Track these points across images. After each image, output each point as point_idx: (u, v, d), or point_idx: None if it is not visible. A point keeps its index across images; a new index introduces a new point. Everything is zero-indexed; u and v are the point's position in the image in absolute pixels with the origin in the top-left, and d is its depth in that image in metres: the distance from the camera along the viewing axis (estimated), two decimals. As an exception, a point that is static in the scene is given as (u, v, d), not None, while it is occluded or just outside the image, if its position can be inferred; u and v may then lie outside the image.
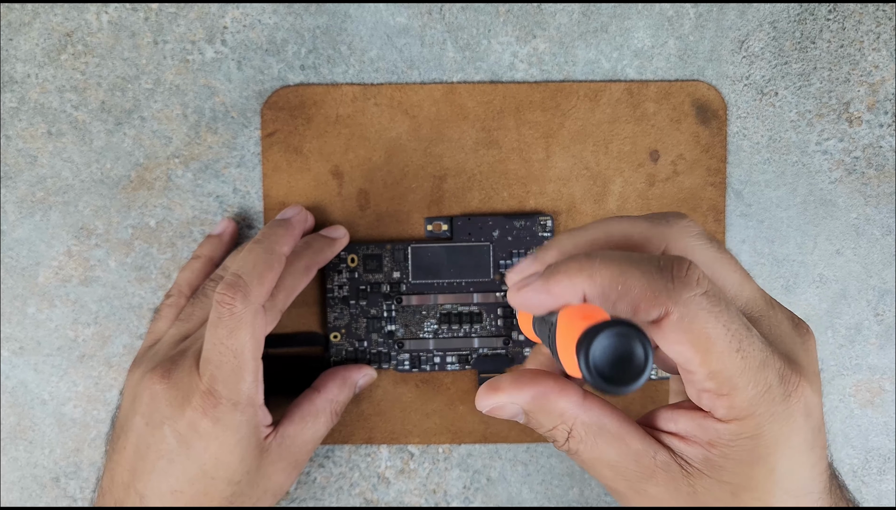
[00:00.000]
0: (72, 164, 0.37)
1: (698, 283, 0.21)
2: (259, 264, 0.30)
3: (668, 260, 0.22)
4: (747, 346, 0.21)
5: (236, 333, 0.29)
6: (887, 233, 0.38)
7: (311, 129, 0.36)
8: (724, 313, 0.21)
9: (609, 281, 0.21)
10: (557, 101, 0.36)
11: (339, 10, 0.36)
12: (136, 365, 0.32)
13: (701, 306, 0.21)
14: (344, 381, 0.34)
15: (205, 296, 0.33)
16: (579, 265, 0.22)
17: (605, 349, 0.19)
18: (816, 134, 0.37)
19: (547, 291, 0.22)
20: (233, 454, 0.29)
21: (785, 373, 0.22)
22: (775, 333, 0.23)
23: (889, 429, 0.38)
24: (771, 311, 0.24)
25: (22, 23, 0.36)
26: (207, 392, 0.29)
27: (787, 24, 0.37)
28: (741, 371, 0.21)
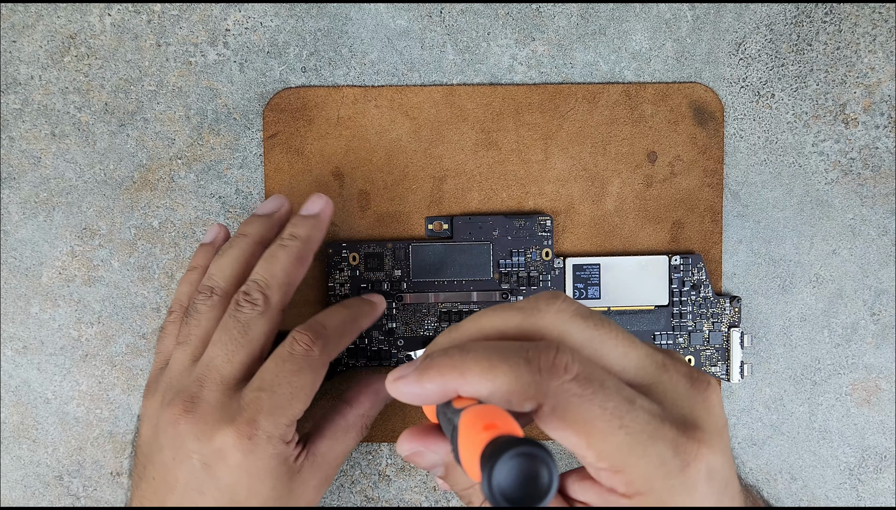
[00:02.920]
0: (75, 165, 0.37)
1: (566, 370, 0.21)
2: (346, 325, 0.32)
3: (536, 350, 0.21)
4: (630, 421, 0.21)
5: (302, 374, 0.30)
6: (883, 233, 0.38)
7: (312, 131, 0.37)
8: (599, 393, 0.21)
9: (478, 378, 0.21)
10: (556, 102, 0.37)
11: (340, 13, 0.37)
12: (151, 391, 0.32)
13: (572, 392, 0.21)
14: (377, 395, 0.34)
15: (197, 312, 0.32)
16: (451, 361, 0.22)
17: (509, 468, 0.18)
18: (813, 135, 0.38)
19: (419, 386, 0.22)
20: (264, 484, 0.29)
21: (679, 442, 0.21)
22: (670, 398, 0.23)
23: (885, 428, 0.39)
24: (664, 375, 0.23)
25: (25, 25, 0.36)
26: (249, 420, 0.28)
27: (784, 26, 0.37)
28: (629, 447, 0.21)
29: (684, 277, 0.37)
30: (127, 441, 0.38)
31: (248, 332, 0.30)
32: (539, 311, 0.23)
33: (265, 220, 0.33)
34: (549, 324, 0.23)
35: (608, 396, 0.21)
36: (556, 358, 0.21)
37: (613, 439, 0.21)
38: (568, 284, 0.37)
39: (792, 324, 0.38)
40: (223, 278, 0.32)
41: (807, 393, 0.38)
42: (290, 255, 0.32)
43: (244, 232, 0.33)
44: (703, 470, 0.21)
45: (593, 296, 0.37)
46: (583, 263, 0.37)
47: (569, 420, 0.21)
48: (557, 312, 0.23)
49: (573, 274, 0.37)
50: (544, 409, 0.21)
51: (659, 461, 0.21)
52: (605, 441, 0.21)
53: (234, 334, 0.30)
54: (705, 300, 0.37)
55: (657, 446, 0.21)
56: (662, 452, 0.21)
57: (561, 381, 0.21)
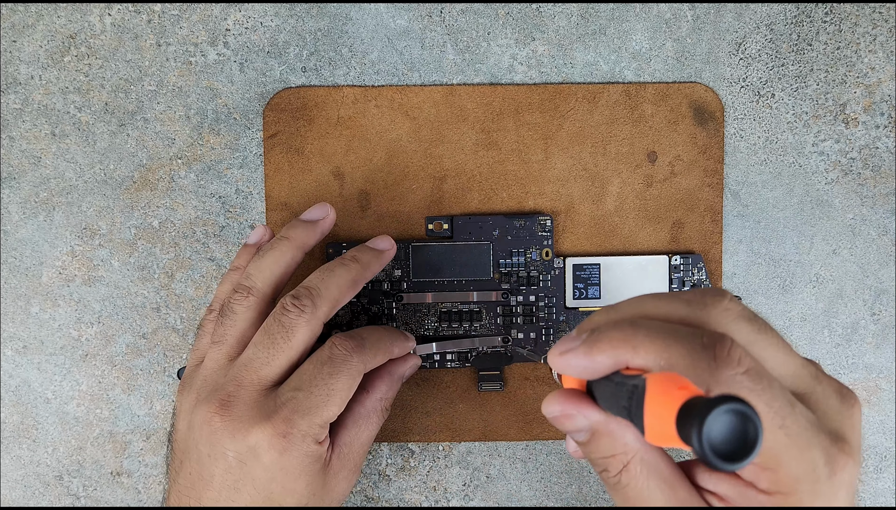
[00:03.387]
0: (75, 164, 0.37)
1: (739, 363, 0.21)
2: (383, 341, 0.33)
3: (712, 338, 0.22)
4: (791, 424, 0.21)
5: (340, 378, 0.30)
6: (883, 233, 0.38)
7: (312, 131, 0.37)
8: (767, 391, 0.21)
9: (653, 354, 0.21)
10: (556, 102, 0.37)
11: (340, 13, 0.37)
12: (187, 387, 0.32)
13: (742, 385, 0.21)
14: (392, 377, 0.34)
15: (232, 313, 0.32)
16: (623, 335, 0.22)
17: (721, 423, 0.19)
18: (813, 135, 0.38)
19: (589, 358, 0.22)
20: (298, 481, 0.30)
21: (831, 452, 0.22)
22: (822, 409, 0.23)
23: (886, 428, 0.39)
24: (819, 387, 0.23)
25: (25, 25, 0.36)
26: (285, 419, 0.29)
27: (784, 26, 0.37)
28: (786, 447, 0.21)
29: (684, 277, 0.37)
30: (127, 441, 0.38)
31: (291, 337, 0.30)
32: (706, 306, 0.23)
33: (309, 227, 0.33)
34: (714, 320, 0.23)
35: (774, 396, 0.21)
36: (732, 349, 0.21)
37: (773, 438, 0.21)
38: (568, 284, 0.37)
39: (792, 324, 0.38)
40: (261, 279, 0.32)
41: (807, 393, 0.38)
42: (347, 275, 0.32)
43: (287, 235, 0.33)
44: (847, 481, 0.22)
45: (593, 296, 0.37)
46: (583, 263, 0.37)
47: None
48: (724, 311, 0.23)
49: (573, 274, 0.37)
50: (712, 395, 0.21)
51: (811, 466, 0.21)
52: (765, 438, 0.21)
53: (277, 337, 0.30)
54: (705, 300, 0.37)
55: (812, 451, 0.21)
56: (816, 458, 0.22)
57: (734, 372, 0.21)
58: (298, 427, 0.29)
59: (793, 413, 0.21)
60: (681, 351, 0.21)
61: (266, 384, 0.30)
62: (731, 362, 0.21)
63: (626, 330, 0.22)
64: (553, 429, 0.38)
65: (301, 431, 0.29)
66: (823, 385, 0.24)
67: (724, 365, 0.21)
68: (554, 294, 0.37)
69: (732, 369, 0.21)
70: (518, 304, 0.37)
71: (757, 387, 0.21)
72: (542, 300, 0.37)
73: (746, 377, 0.21)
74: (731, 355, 0.21)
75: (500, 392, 0.37)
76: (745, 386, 0.21)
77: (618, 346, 0.22)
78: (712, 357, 0.21)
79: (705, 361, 0.21)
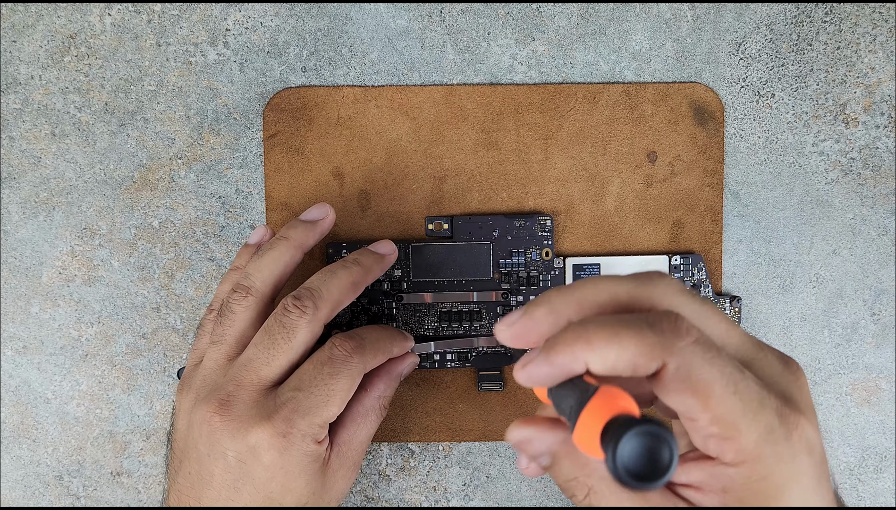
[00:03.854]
0: (75, 165, 0.37)
1: (688, 332, 0.22)
2: (383, 341, 0.33)
3: (657, 315, 0.23)
4: (743, 388, 0.22)
5: (340, 379, 0.30)
6: (883, 233, 0.38)
7: (312, 131, 0.37)
8: (718, 358, 0.22)
9: (605, 343, 0.22)
10: (556, 102, 0.37)
11: (340, 13, 0.37)
12: (186, 386, 0.32)
13: (695, 353, 0.22)
14: (390, 375, 0.34)
15: (231, 312, 0.32)
16: (575, 333, 0.23)
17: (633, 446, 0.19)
18: (813, 135, 0.38)
19: (550, 364, 0.23)
20: (297, 481, 0.30)
21: (783, 411, 0.23)
22: (767, 374, 0.24)
23: (885, 428, 0.39)
24: (760, 354, 0.24)
25: (25, 25, 0.36)
26: (285, 419, 0.29)
27: (784, 26, 0.37)
28: (742, 412, 0.22)
29: (684, 277, 0.37)
30: (126, 441, 0.38)
31: (292, 338, 0.30)
32: (651, 281, 0.24)
33: (308, 227, 0.33)
34: (659, 294, 0.24)
35: (725, 363, 0.22)
36: (678, 321, 0.22)
37: (728, 403, 0.22)
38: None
39: (792, 324, 0.38)
40: (260, 279, 0.32)
41: (807, 393, 0.38)
42: (349, 277, 0.32)
43: (286, 235, 0.33)
44: (804, 440, 0.23)
45: (593, 296, 0.37)
46: (583, 263, 0.37)
47: (691, 381, 0.22)
48: (668, 285, 0.24)
49: (573, 274, 0.37)
50: (669, 368, 0.22)
51: (767, 428, 0.22)
52: (720, 404, 0.22)
53: (278, 338, 0.30)
54: (705, 300, 0.37)
55: (765, 413, 0.22)
56: (770, 419, 0.22)
57: (685, 342, 0.22)
58: (298, 427, 0.29)
59: (744, 378, 0.22)
60: (630, 334, 0.22)
61: (266, 384, 0.30)
62: (679, 333, 0.22)
63: (577, 329, 0.23)
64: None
65: (301, 431, 0.29)
66: (765, 352, 0.24)
67: (675, 336, 0.22)
68: (554, 294, 0.37)
69: (682, 339, 0.22)
70: (518, 304, 0.37)
71: (708, 355, 0.22)
72: (542, 300, 0.37)
73: (697, 346, 0.22)
74: (679, 327, 0.22)
75: (500, 392, 0.37)
76: (697, 353, 0.22)
77: (573, 344, 0.22)
78: (661, 332, 0.22)
79: (655, 337, 0.22)
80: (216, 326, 0.32)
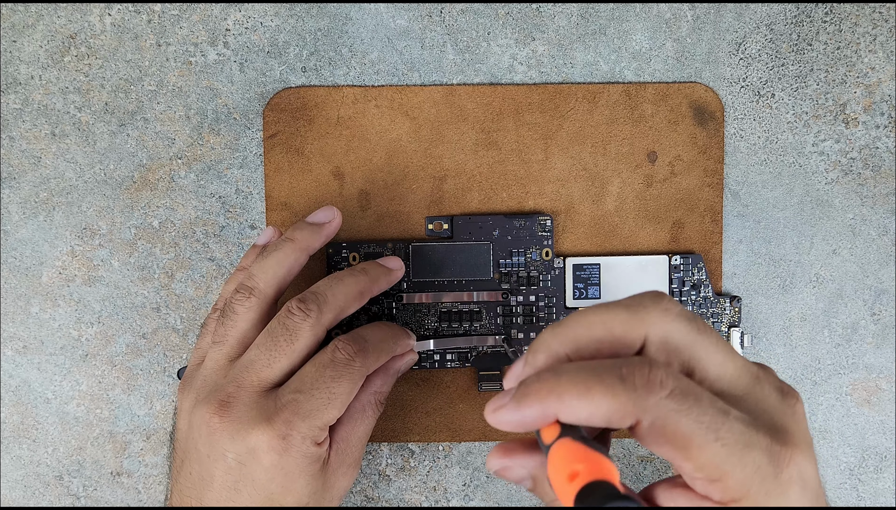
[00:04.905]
0: (75, 164, 0.37)
1: (661, 385, 0.21)
2: (385, 344, 0.33)
3: (630, 366, 0.22)
4: (726, 433, 0.21)
5: (341, 382, 0.30)
6: (883, 233, 0.38)
7: (312, 131, 0.37)
8: (695, 407, 0.21)
9: (576, 399, 0.22)
10: (556, 102, 0.37)
11: (340, 13, 0.37)
12: (187, 386, 0.32)
13: (669, 408, 0.21)
14: (387, 372, 0.34)
15: (233, 313, 0.31)
16: (547, 387, 0.22)
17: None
18: (813, 135, 0.38)
19: (519, 413, 0.23)
20: (297, 482, 0.30)
21: (773, 449, 0.22)
22: (761, 407, 0.23)
23: (886, 428, 0.39)
24: (757, 386, 0.24)
25: (25, 25, 0.36)
26: (285, 421, 0.29)
27: (784, 26, 0.37)
28: (726, 457, 0.21)
29: (684, 277, 0.37)
30: (127, 441, 0.38)
31: (294, 341, 0.30)
32: (645, 308, 0.23)
33: (315, 229, 0.33)
34: (654, 322, 0.23)
35: (703, 410, 0.21)
36: (651, 374, 0.22)
37: (710, 450, 0.21)
38: (568, 284, 0.37)
39: (792, 324, 0.38)
40: (263, 280, 0.32)
41: (807, 393, 0.38)
42: (356, 285, 0.32)
43: (291, 236, 0.33)
44: (796, 475, 0.22)
45: (593, 296, 0.37)
46: (583, 263, 0.37)
47: (667, 434, 0.21)
48: (663, 312, 0.23)
49: (573, 274, 0.37)
50: (643, 425, 0.21)
51: (754, 468, 0.21)
52: (702, 453, 0.21)
53: (280, 340, 0.30)
54: (705, 300, 0.37)
55: (752, 454, 0.22)
56: (757, 459, 0.22)
57: (658, 397, 0.21)
58: (298, 429, 0.29)
59: (726, 421, 0.22)
60: (601, 391, 0.21)
61: (266, 386, 0.30)
62: (652, 388, 0.21)
63: (549, 381, 0.22)
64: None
65: (301, 433, 0.29)
66: (763, 384, 0.24)
67: (647, 392, 0.21)
68: (554, 294, 0.37)
69: (655, 395, 0.21)
70: (518, 304, 0.37)
71: (683, 407, 0.21)
72: (542, 300, 0.37)
73: (671, 400, 0.21)
74: (652, 380, 0.21)
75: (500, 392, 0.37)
76: (671, 408, 0.21)
77: (544, 398, 0.22)
78: (633, 388, 0.21)
79: (626, 395, 0.21)
80: (218, 326, 0.32)
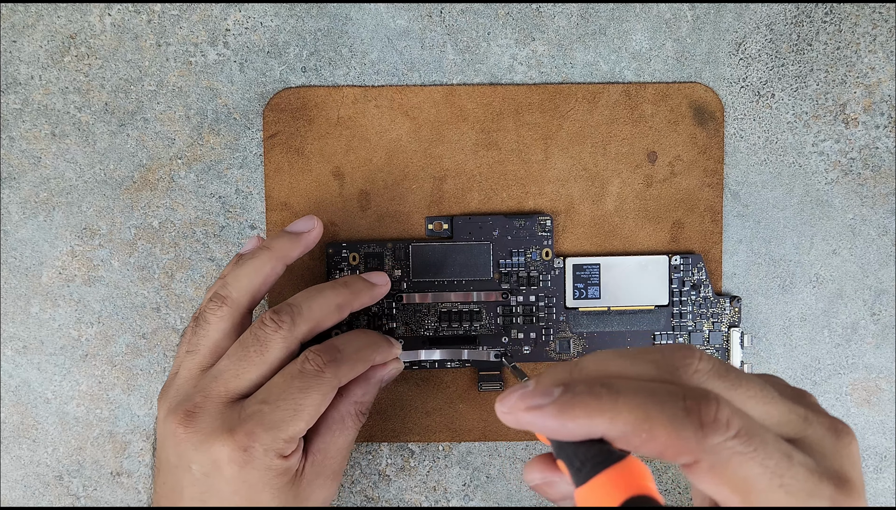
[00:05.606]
0: (75, 165, 0.37)
1: (728, 426, 0.20)
2: (362, 353, 0.32)
3: (695, 399, 0.20)
4: (790, 480, 0.20)
5: (309, 393, 0.29)
6: (883, 233, 0.38)
7: (312, 131, 0.37)
8: (760, 451, 0.20)
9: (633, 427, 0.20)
10: (556, 102, 0.37)
11: (340, 13, 0.37)
12: (163, 396, 0.32)
13: (734, 450, 0.20)
14: (368, 381, 0.33)
15: (206, 322, 0.31)
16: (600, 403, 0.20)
17: None
18: (813, 135, 0.38)
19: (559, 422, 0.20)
20: (262, 494, 0.29)
21: (836, 499, 0.20)
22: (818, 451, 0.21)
23: (885, 428, 0.39)
24: (809, 429, 0.22)
25: (25, 25, 0.36)
26: (247, 432, 0.28)
27: (784, 26, 0.37)
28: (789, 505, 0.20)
29: (684, 277, 0.37)
30: (126, 441, 0.38)
31: (264, 352, 0.30)
32: (676, 369, 0.22)
33: (293, 239, 0.33)
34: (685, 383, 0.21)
35: (769, 454, 0.20)
36: (719, 411, 0.20)
37: (773, 498, 0.20)
38: (568, 284, 0.37)
39: (792, 324, 0.38)
40: (237, 289, 0.31)
41: (807, 393, 0.38)
42: (335, 299, 0.32)
43: (268, 245, 0.32)
44: None
45: (593, 296, 0.37)
46: (583, 263, 0.37)
47: (727, 477, 0.20)
48: (695, 373, 0.22)
49: (573, 274, 0.37)
50: (701, 466, 0.20)
51: None
52: (763, 500, 0.20)
53: (251, 351, 0.30)
54: (705, 300, 0.37)
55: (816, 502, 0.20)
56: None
57: (724, 438, 0.20)
58: (261, 441, 0.28)
59: (791, 467, 0.20)
60: (663, 422, 0.20)
61: (233, 396, 0.30)
62: (718, 428, 0.20)
63: (604, 397, 0.20)
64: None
65: (263, 445, 0.28)
66: (814, 425, 0.22)
67: (712, 431, 0.20)
68: (554, 294, 0.37)
69: (721, 435, 0.20)
70: (518, 304, 0.37)
71: (749, 449, 0.20)
72: (542, 300, 0.37)
73: (737, 441, 0.20)
74: (719, 419, 0.20)
75: (501, 392, 0.37)
76: (736, 450, 0.20)
77: (593, 415, 0.20)
78: (699, 425, 0.20)
79: (690, 430, 0.19)
80: (191, 336, 0.31)
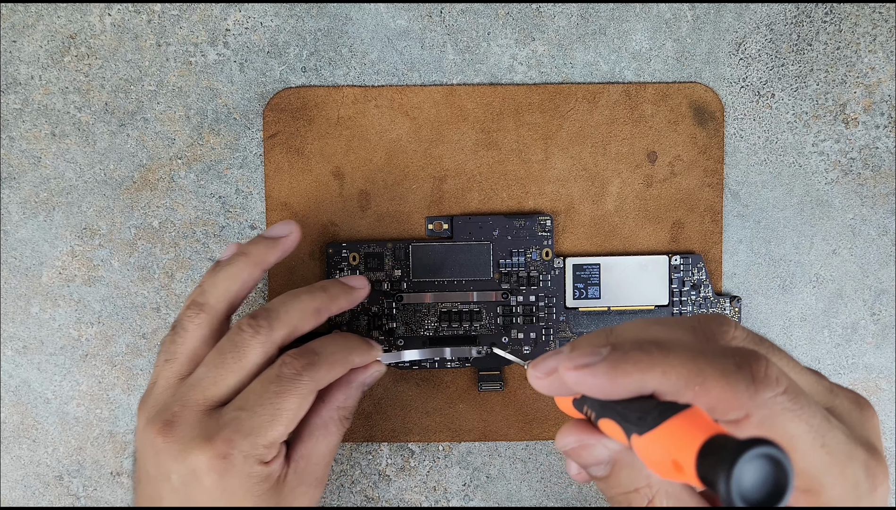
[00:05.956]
0: (75, 165, 0.37)
1: (778, 382, 0.20)
2: (339, 357, 0.31)
3: (745, 357, 0.20)
4: (831, 440, 0.20)
5: (287, 398, 0.29)
6: (883, 233, 0.38)
7: (312, 131, 0.37)
8: (806, 409, 0.20)
9: (686, 381, 0.20)
10: (556, 102, 0.37)
11: (340, 13, 0.37)
12: (142, 406, 0.31)
13: (783, 406, 0.20)
14: (349, 385, 0.33)
15: (183, 330, 0.31)
16: (651, 359, 0.20)
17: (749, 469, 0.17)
18: (813, 135, 0.38)
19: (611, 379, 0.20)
20: (244, 501, 0.29)
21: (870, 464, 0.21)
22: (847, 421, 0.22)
23: (885, 428, 0.39)
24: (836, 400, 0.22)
25: (25, 25, 0.36)
26: (225, 440, 0.28)
27: (784, 26, 0.37)
28: (827, 467, 0.20)
29: (684, 277, 0.37)
30: (127, 441, 0.38)
31: (242, 358, 0.30)
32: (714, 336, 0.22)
33: (269, 244, 0.32)
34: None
35: (813, 413, 0.20)
36: (769, 368, 0.20)
37: (815, 458, 0.20)
38: (568, 284, 0.37)
39: (792, 324, 0.38)
40: (214, 295, 0.31)
41: (807, 393, 0.38)
42: (311, 303, 0.31)
43: (245, 251, 0.32)
44: (885, 494, 0.21)
45: (593, 296, 0.37)
46: (583, 263, 0.37)
47: (775, 433, 0.20)
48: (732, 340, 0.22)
49: (573, 274, 0.37)
50: (752, 420, 0.20)
51: (853, 483, 0.20)
52: (805, 459, 0.20)
53: (228, 357, 0.30)
54: (705, 300, 0.37)
55: (853, 467, 0.20)
56: (857, 474, 0.21)
57: (773, 393, 0.20)
58: (240, 448, 0.28)
59: (831, 429, 0.20)
60: (716, 377, 0.20)
61: (212, 404, 0.29)
62: (769, 383, 0.20)
63: (656, 353, 0.20)
64: (553, 430, 0.38)
65: (242, 452, 0.28)
66: (840, 397, 0.23)
67: (764, 386, 0.20)
68: (554, 294, 0.37)
69: (772, 390, 0.20)
70: (518, 304, 0.37)
71: (796, 407, 0.20)
72: (542, 300, 0.37)
73: (786, 397, 0.20)
74: (769, 375, 0.20)
75: (500, 392, 0.37)
76: (785, 407, 0.20)
77: (646, 370, 0.20)
78: (750, 379, 0.20)
79: (743, 385, 0.20)
80: (169, 344, 0.31)
